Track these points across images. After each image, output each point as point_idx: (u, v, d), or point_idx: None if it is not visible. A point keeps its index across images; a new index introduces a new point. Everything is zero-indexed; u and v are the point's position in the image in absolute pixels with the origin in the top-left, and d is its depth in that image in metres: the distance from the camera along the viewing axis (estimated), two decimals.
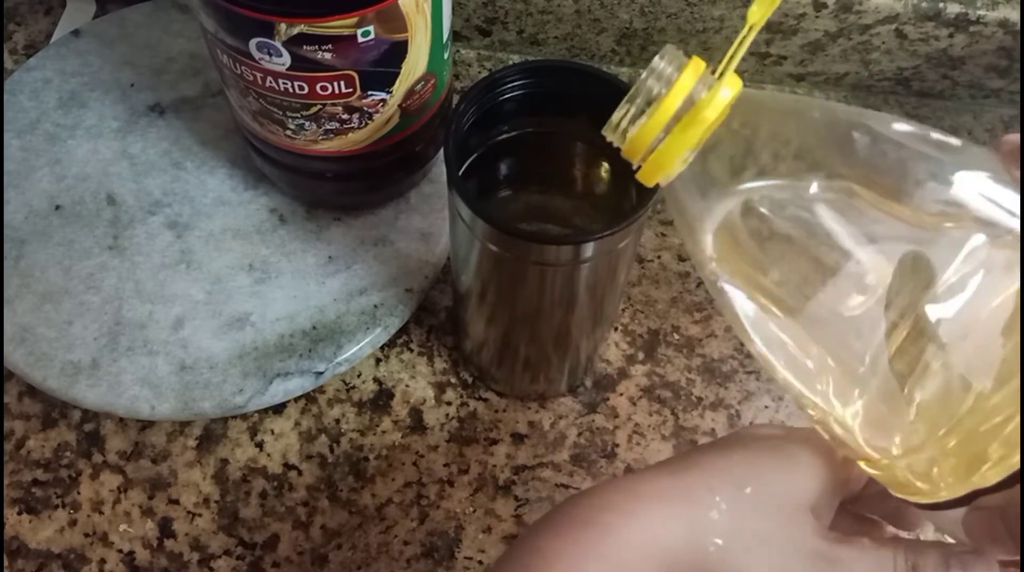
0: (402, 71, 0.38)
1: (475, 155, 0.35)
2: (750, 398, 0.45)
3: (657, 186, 0.29)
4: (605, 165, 0.37)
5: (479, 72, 0.55)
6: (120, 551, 0.41)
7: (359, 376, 0.45)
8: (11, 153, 0.47)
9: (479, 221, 0.31)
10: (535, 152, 0.37)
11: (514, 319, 0.38)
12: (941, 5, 0.48)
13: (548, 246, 0.32)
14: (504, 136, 0.36)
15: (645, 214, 0.31)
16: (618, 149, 0.27)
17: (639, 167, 0.27)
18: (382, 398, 0.44)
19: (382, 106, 0.39)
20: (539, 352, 0.40)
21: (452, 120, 0.32)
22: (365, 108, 0.39)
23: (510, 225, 0.31)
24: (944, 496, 0.25)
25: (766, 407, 0.45)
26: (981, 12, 0.48)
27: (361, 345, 0.43)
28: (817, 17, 0.50)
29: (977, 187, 0.25)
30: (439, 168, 0.48)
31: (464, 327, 0.42)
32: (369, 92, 0.38)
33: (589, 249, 0.32)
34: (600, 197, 0.38)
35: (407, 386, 0.44)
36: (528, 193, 0.39)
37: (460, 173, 0.34)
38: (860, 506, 0.32)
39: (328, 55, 0.35)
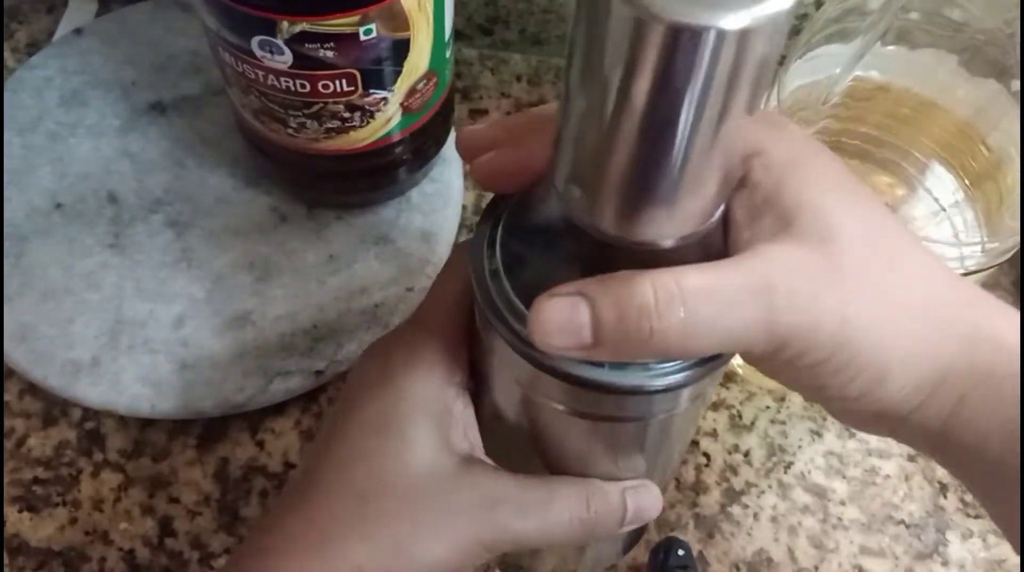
0: (404, 70, 0.38)
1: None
2: (751, 399, 0.45)
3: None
4: None
5: (480, 71, 0.55)
6: (120, 549, 0.40)
7: None
8: (12, 151, 0.47)
9: (544, 377, 0.24)
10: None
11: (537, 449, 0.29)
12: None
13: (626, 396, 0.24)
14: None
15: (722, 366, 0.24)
16: None
17: None
18: None
19: (384, 105, 0.39)
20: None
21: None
22: (367, 106, 0.39)
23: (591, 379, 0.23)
24: None
25: (767, 407, 0.45)
26: None
27: (362, 344, 0.43)
28: None
29: None
30: (440, 167, 0.48)
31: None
32: (371, 90, 0.38)
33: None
34: None
35: None
36: None
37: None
38: None
39: (330, 53, 0.35)
